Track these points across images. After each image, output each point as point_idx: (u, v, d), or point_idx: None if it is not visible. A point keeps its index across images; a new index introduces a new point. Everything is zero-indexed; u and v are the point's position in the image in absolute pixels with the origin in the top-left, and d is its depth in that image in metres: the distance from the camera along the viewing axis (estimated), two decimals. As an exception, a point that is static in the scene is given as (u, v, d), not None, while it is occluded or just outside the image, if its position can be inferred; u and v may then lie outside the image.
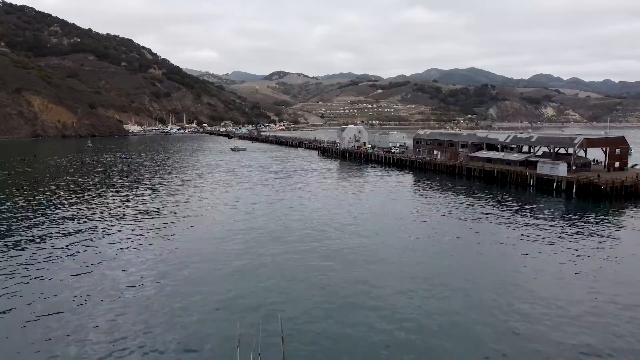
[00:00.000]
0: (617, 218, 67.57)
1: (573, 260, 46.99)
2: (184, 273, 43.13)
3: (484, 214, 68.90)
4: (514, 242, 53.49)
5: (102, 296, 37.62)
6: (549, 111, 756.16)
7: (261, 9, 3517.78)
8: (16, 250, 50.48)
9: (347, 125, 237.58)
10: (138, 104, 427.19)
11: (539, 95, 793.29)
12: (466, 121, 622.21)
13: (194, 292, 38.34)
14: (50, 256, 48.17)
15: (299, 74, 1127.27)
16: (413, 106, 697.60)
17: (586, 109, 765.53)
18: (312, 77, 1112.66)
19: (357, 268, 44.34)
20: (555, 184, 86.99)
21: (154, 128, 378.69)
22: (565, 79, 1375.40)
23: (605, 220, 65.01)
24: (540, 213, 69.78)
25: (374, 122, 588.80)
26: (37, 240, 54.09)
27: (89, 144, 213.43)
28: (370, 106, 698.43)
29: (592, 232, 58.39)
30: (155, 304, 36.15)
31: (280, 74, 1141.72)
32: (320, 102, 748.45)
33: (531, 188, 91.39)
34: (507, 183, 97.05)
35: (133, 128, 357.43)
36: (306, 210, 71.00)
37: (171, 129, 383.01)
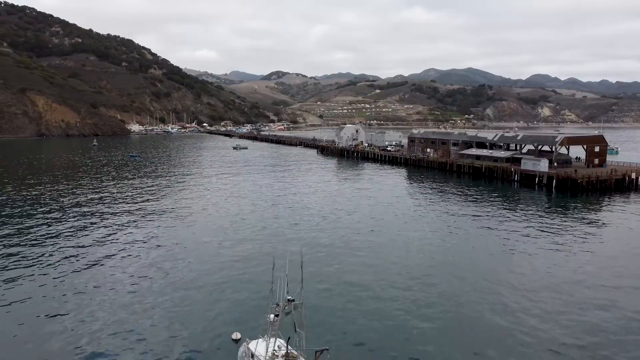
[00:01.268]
0: (590, 209, 74.16)
1: (547, 245, 53.68)
2: (216, 235, 51.43)
3: (471, 206, 75.52)
4: (497, 230, 60.16)
5: (154, 252, 44.32)
6: (546, 111, 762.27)
7: (260, 9, 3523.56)
8: (44, 234, 56.97)
9: (345, 125, 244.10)
10: (139, 104, 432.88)
11: (535, 96, 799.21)
12: (463, 121, 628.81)
13: (232, 242, 53.11)
14: (85, 231, 54.78)
15: (297, 74, 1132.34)
16: (411, 106, 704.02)
17: (582, 109, 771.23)
18: (311, 77, 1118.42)
19: (352, 235, 51.14)
20: (537, 178, 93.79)
21: (155, 128, 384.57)
22: (562, 79, 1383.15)
23: (579, 211, 71.73)
24: (522, 205, 76.50)
25: (372, 122, 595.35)
26: (65, 226, 60.62)
27: (95, 143, 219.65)
28: (368, 106, 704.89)
29: (567, 221, 65.12)
30: (201, 252, 45.81)
31: (279, 74, 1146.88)
32: (318, 102, 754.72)
33: (515, 183, 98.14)
34: (494, 178, 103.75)
35: (135, 128, 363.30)
36: (307, 200, 77.75)
37: (172, 128, 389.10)
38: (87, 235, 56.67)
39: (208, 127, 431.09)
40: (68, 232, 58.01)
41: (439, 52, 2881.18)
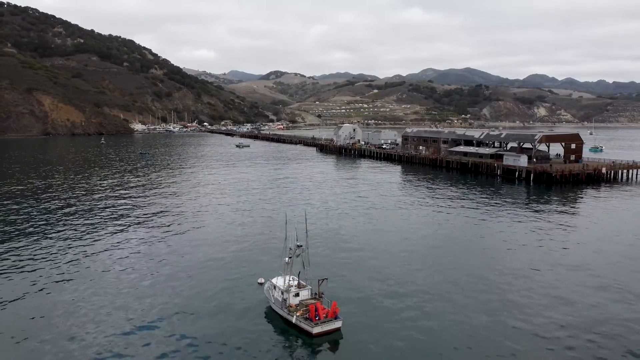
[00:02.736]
0: (561, 199, 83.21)
1: (521, 229, 62.81)
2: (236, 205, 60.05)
3: (457, 197, 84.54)
4: (478, 216, 69.16)
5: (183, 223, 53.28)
6: (542, 111, 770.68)
7: (259, 9, 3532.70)
8: (71, 218, 65.87)
9: (343, 124, 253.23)
10: (141, 104, 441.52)
11: (532, 96, 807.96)
12: (460, 121, 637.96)
13: (247, 217, 60.52)
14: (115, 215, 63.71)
15: (295, 74, 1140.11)
16: (408, 106, 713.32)
17: (578, 109, 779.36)
18: (309, 77, 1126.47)
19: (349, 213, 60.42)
20: (517, 173, 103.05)
21: (157, 127, 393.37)
22: (560, 79, 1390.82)
23: (551, 200, 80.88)
24: (502, 195, 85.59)
25: (369, 121, 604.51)
26: (96, 211, 69.55)
27: (103, 141, 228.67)
28: (366, 106, 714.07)
29: (539, 208, 74.28)
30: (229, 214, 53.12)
31: (277, 74, 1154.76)
32: (317, 102, 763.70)
33: (498, 177, 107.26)
34: (479, 173, 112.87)
35: (138, 127, 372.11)
36: (309, 189, 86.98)
37: (174, 127, 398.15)
38: (125, 213, 65.71)
39: (209, 127, 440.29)
40: (106, 214, 67.00)
41: (437, 52, 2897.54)
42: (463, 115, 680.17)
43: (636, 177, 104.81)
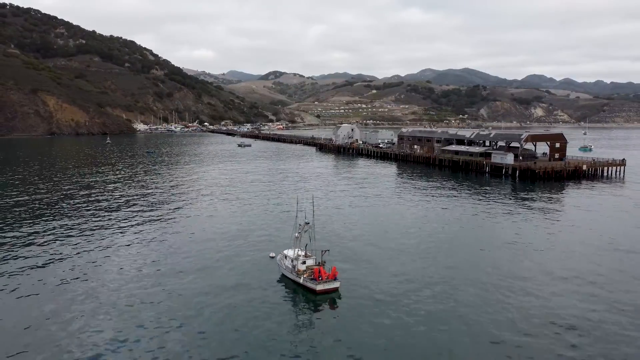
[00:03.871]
0: (542, 193, 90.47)
1: (505, 219, 70.00)
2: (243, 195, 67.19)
3: (449, 191, 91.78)
4: (467, 208, 76.35)
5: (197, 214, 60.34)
6: (539, 111, 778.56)
7: (258, 9, 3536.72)
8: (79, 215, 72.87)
9: (342, 124, 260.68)
10: (142, 104, 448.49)
11: (529, 96, 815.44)
12: (457, 121, 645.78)
13: (260, 197, 67.96)
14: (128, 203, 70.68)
15: (294, 74, 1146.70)
16: (406, 106, 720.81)
17: (575, 110, 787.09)
18: (308, 77, 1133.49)
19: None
20: (504, 170, 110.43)
21: (159, 127, 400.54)
22: (558, 79, 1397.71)
23: (533, 194, 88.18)
24: (490, 189, 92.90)
25: (368, 122, 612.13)
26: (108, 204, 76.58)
27: (108, 140, 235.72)
28: (364, 106, 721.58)
29: (523, 201, 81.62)
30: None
31: (277, 74, 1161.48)
32: (316, 102, 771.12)
33: (487, 174, 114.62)
34: (469, 170, 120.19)
35: (140, 127, 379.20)
36: (310, 184, 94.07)
37: (176, 127, 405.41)
38: (142, 202, 72.84)
39: (210, 127, 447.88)
40: (125, 205, 74.10)
41: (436, 52, 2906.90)
42: (461, 116, 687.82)
43: (615, 174, 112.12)
